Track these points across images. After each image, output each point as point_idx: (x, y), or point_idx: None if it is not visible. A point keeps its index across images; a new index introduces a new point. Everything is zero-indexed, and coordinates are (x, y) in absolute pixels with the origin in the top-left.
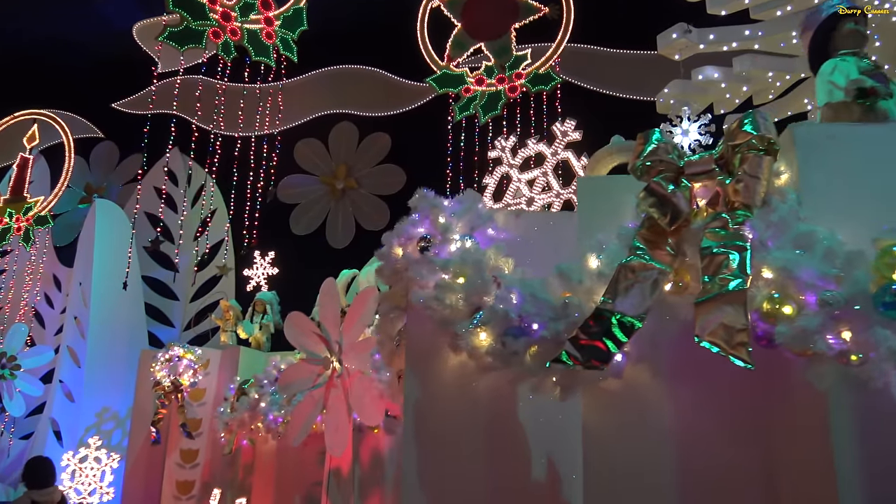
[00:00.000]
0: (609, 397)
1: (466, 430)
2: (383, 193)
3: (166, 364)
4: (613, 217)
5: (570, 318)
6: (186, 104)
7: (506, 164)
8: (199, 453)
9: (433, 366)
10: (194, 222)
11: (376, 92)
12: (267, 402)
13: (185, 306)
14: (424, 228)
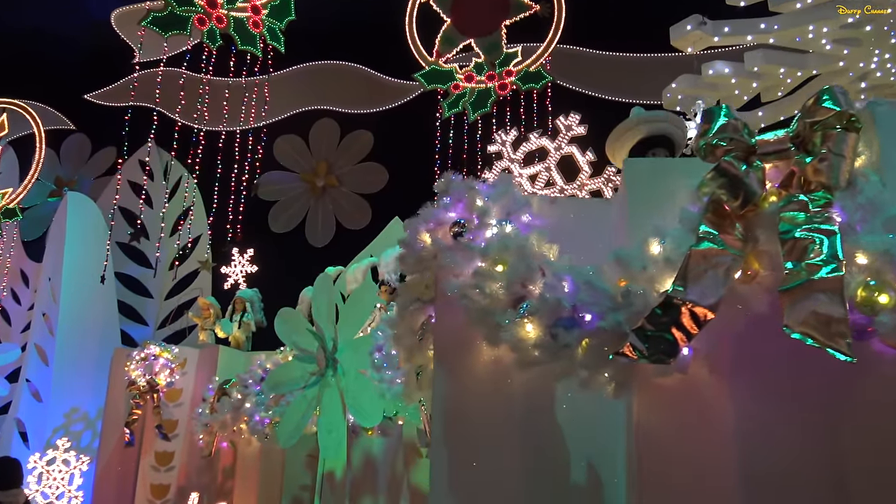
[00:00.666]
0: (666, 395)
1: (501, 429)
2: (365, 192)
3: (141, 363)
4: (665, 201)
5: (633, 307)
6: (163, 96)
7: (506, 158)
8: (174, 456)
9: (465, 361)
10: (170, 218)
11: (358, 89)
12: (252, 402)
13: (159, 304)
14: (457, 213)
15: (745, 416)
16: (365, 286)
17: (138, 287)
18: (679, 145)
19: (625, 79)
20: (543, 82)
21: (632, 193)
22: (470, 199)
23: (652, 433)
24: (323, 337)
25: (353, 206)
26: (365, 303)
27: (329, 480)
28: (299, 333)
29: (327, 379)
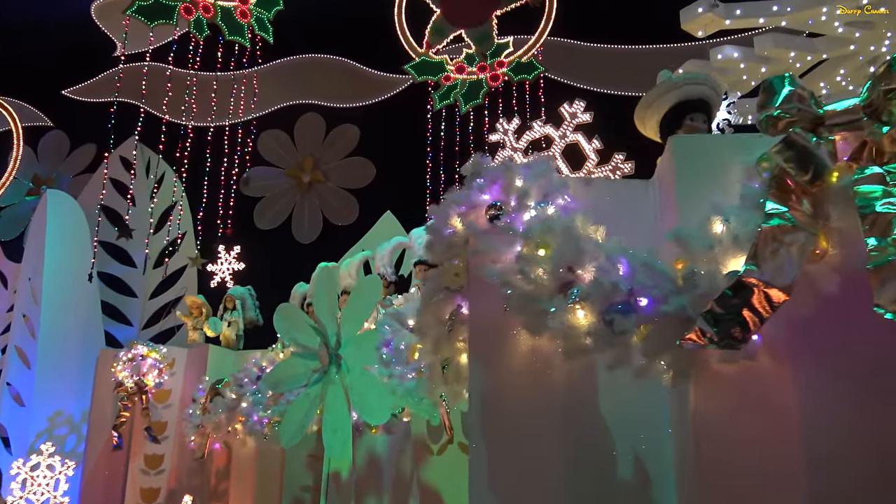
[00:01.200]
0: (726, 383)
1: (541, 421)
2: (351, 187)
3: (129, 364)
4: (717, 178)
5: (698, 289)
6: (142, 91)
7: (509, 147)
8: (164, 458)
9: (503, 351)
10: (155, 215)
11: (344, 83)
12: (248, 402)
13: (143, 303)
14: (491, 195)
15: (809, 405)
16: (370, 279)
17: (122, 286)
18: (716, 110)
19: (618, 70)
20: (536, 73)
21: (681, 172)
22: (507, 180)
23: (710, 423)
24: (325, 333)
25: (339, 202)
26: (369, 297)
27: (335, 480)
28: (300, 329)
29: (331, 376)
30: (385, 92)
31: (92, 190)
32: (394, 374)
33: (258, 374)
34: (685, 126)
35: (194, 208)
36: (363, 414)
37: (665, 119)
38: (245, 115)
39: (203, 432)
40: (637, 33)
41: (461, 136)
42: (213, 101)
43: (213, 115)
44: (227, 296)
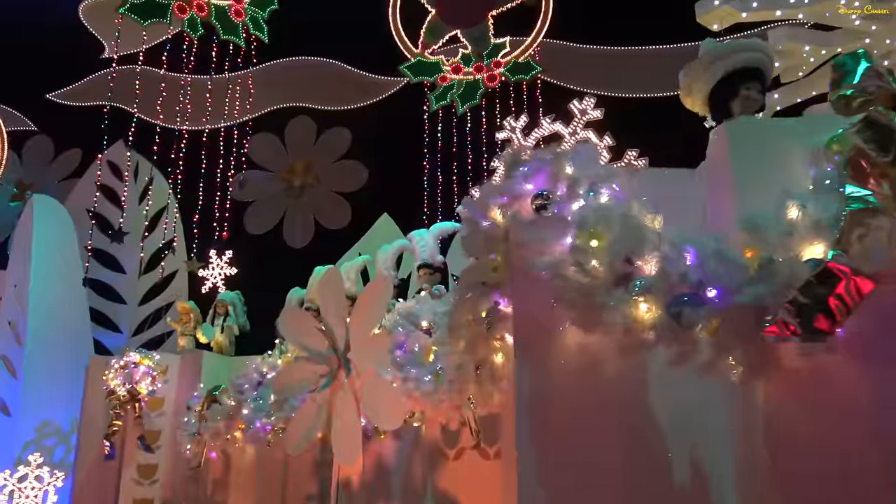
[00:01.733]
0: (799, 379)
1: (595, 423)
2: (344, 191)
3: (121, 371)
4: (778, 163)
5: (777, 278)
6: (130, 95)
7: (516, 144)
8: (158, 468)
9: (552, 349)
10: (142, 220)
11: (335, 85)
12: (250, 408)
13: (133, 310)
14: (536, 185)
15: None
16: (382, 281)
17: (110, 293)
18: (769, 80)
19: (616, 72)
20: (533, 73)
21: (737, 158)
22: (555, 168)
23: (781, 422)
24: (333, 336)
25: (332, 206)
26: (380, 299)
27: (345, 488)
28: (307, 333)
29: (340, 381)
30: (377, 95)
31: (78, 195)
32: (409, 377)
33: (259, 381)
34: (741, 97)
35: (184, 212)
36: (375, 419)
37: (717, 90)
38: (235, 118)
39: (199, 441)
40: (637, 34)
41: (458, 138)
42: (209, 103)
43: (203, 119)
44: (217, 301)
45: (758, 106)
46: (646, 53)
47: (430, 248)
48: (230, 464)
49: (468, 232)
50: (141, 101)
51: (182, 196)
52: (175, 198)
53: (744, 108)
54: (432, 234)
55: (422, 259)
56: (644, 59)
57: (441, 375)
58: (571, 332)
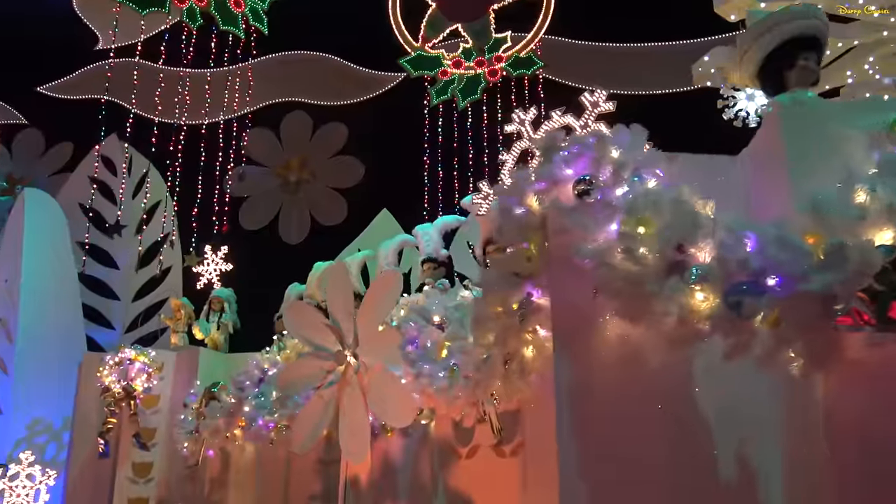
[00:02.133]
0: (864, 374)
1: (639, 417)
2: (340, 187)
3: (116, 368)
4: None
5: (848, 265)
6: (123, 87)
7: (526, 138)
8: (153, 466)
9: (593, 341)
10: (137, 214)
11: (331, 80)
12: (251, 405)
13: (126, 306)
14: (577, 169)
15: None
16: (391, 275)
17: (103, 289)
18: (825, 52)
19: (621, 70)
20: (535, 68)
21: (791, 140)
22: (599, 152)
23: (844, 417)
24: (341, 332)
25: (328, 202)
26: (389, 293)
27: (353, 486)
28: (313, 328)
29: (348, 377)
30: (374, 90)
31: (70, 189)
32: (422, 373)
33: (260, 377)
34: (798, 67)
35: (179, 207)
36: (383, 416)
37: (770, 60)
38: (229, 112)
39: (197, 439)
40: (638, 31)
41: (458, 133)
42: (208, 95)
43: (201, 112)
44: (212, 297)
45: (814, 78)
46: (646, 51)
47: (435, 242)
48: (229, 462)
49: (501, 220)
50: (136, 95)
51: (177, 191)
52: (171, 193)
53: (800, 79)
54: (436, 228)
55: (426, 253)
56: (644, 56)
57: (456, 371)
58: (614, 323)
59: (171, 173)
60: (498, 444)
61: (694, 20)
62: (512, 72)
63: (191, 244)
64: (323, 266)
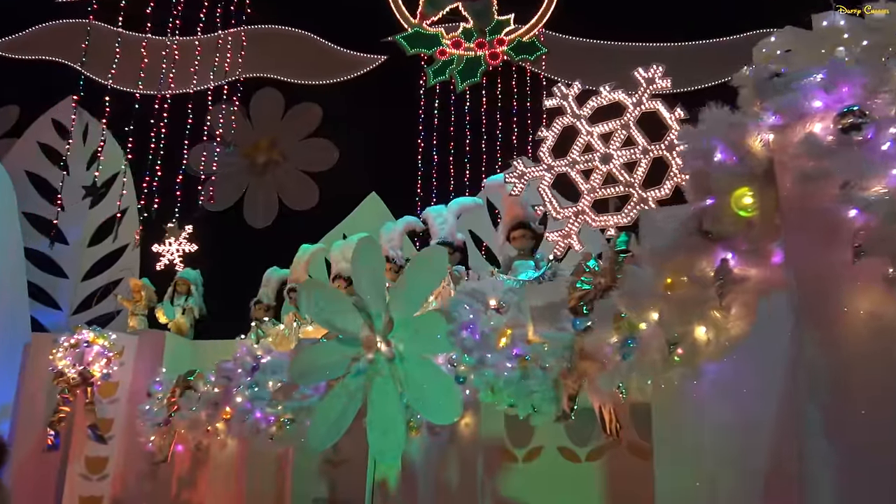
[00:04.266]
0: None
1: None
2: (311, 170)
3: (71, 351)
4: None
5: None
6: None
7: (569, 114)
8: (108, 462)
9: (852, 321)
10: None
11: (307, 58)
12: (244, 396)
13: (75, 285)
14: (832, 101)
15: None
16: (435, 249)
17: (50, 265)
18: None
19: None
20: (538, 54)
21: None
22: (873, 77)
23: None
24: (370, 313)
25: (298, 185)
26: (433, 270)
27: (381, 491)
28: (336, 309)
29: (378, 367)
30: (352, 71)
31: (16, 156)
32: (485, 363)
33: (254, 365)
34: None
35: (138, 182)
36: (425, 412)
37: None
38: (199, 83)
39: (166, 431)
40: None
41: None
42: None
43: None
44: (178, 278)
45: None
46: (649, 50)
47: (450, 225)
48: (204, 459)
49: (690, 170)
50: (92, 59)
51: (136, 164)
52: (128, 166)
53: None
54: (451, 210)
55: (440, 237)
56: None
57: (531, 361)
58: (881, 297)
59: (101, 151)
60: (620, 444)
61: (698, 21)
62: (514, 56)
63: (175, 214)
64: (310, 249)
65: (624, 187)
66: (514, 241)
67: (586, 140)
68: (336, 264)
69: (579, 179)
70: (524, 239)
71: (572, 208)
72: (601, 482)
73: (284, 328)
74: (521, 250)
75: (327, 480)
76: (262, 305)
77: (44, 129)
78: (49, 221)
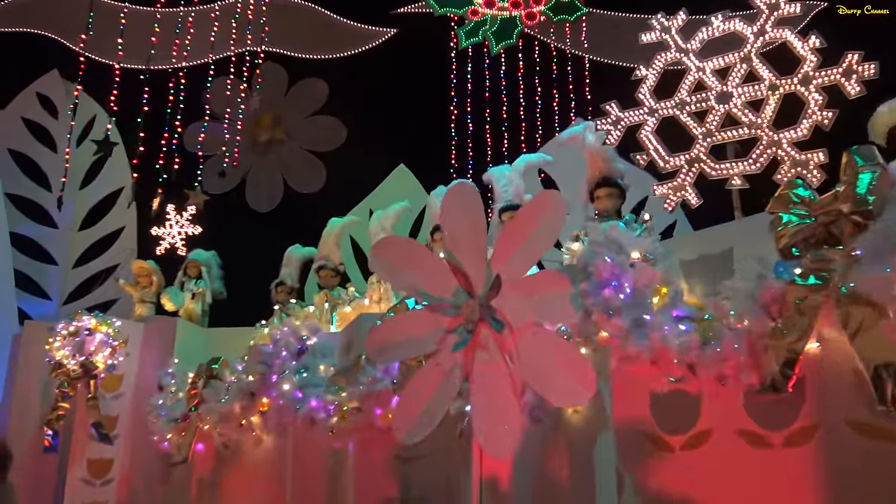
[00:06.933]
0: None
1: None
2: (318, 149)
3: (70, 339)
4: None
5: None
6: (65, 20)
7: (674, 48)
8: (113, 464)
9: None
10: (82, 164)
11: (312, 30)
12: (292, 383)
13: (65, 272)
14: None
15: None
16: (550, 194)
17: (37, 251)
18: None
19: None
20: (578, 14)
21: None
22: None
23: None
24: (467, 274)
25: (304, 166)
26: (549, 222)
27: (490, 490)
28: (421, 269)
29: (480, 339)
30: (360, 45)
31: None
32: (641, 326)
33: (300, 347)
34: None
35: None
36: (548, 392)
37: None
38: (194, 58)
39: (184, 428)
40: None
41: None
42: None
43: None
44: (188, 261)
45: None
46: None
47: (515, 185)
48: (232, 458)
49: None
50: (73, 30)
51: (129, 142)
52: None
53: None
54: (516, 170)
55: (504, 200)
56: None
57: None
58: None
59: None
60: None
61: None
62: (552, 17)
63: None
64: (339, 222)
65: (749, 129)
66: (598, 200)
67: (696, 77)
68: (375, 237)
69: (692, 122)
70: (610, 198)
71: (684, 156)
72: (812, 473)
73: (315, 310)
74: (605, 210)
75: (397, 480)
76: (285, 287)
77: (27, 103)
78: (35, 203)
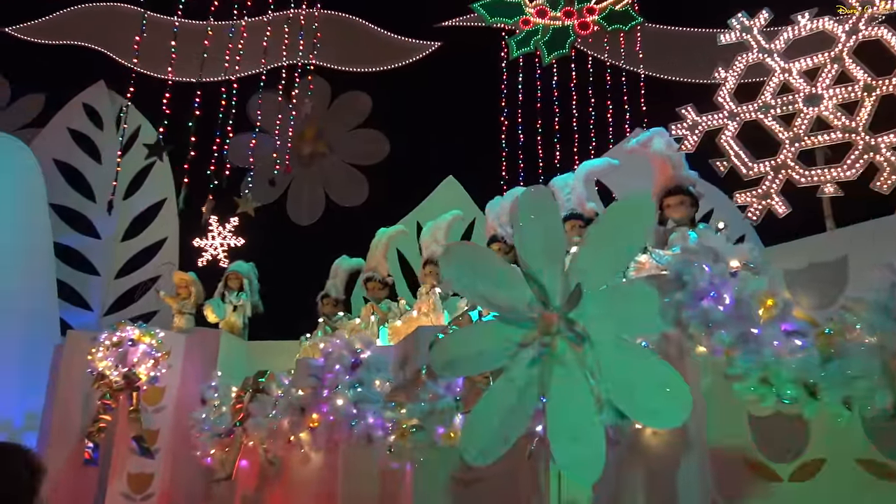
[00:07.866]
0: None
1: None
2: (360, 163)
3: (113, 350)
4: None
5: None
6: (113, 35)
7: (755, 48)
8: (153, 478)
9: None
10: (126, 175)
11: (356, 44)
12: (345, 398)
13: (107, 283)
14: None
15: None
16: (639, 199)
17: (80, 261)
18: None
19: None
20: (633, 24)
21: None
22: None
23: None
24: (544, 285)
25: (345, 179)
26: (632, 227)
27: None
28: (491, 278)
29: (559, 353)
30: (406, 58)
31: (43, 143)
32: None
33: (354, 361)
34: None
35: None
36: (633, 412)
37: None
38: (237, 70)
39: (228, 443)
40: None
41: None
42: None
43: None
44: (229, 272)
45: None
46: None
47: (578, 194)
48: (277, 476)
49: None
50: (122, 44)
51: (173, 154)
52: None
53: None
54: (579, 178)
55: (567, 209)
56: None
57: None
58: None
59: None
60: None
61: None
62: (606, 26)
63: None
64: (387, 232)
65: (842, 133)
66: (669, 209)
67: (781, 79)
68: (427, 248)
69: (777, 126)
70: (682, 207)
71: (769, 162)
72: None
73: (360, 322)
74: (679, 221)
75: (459, 501)
76: (331, 299)
77: (74, 114)
78: (80, 214)
